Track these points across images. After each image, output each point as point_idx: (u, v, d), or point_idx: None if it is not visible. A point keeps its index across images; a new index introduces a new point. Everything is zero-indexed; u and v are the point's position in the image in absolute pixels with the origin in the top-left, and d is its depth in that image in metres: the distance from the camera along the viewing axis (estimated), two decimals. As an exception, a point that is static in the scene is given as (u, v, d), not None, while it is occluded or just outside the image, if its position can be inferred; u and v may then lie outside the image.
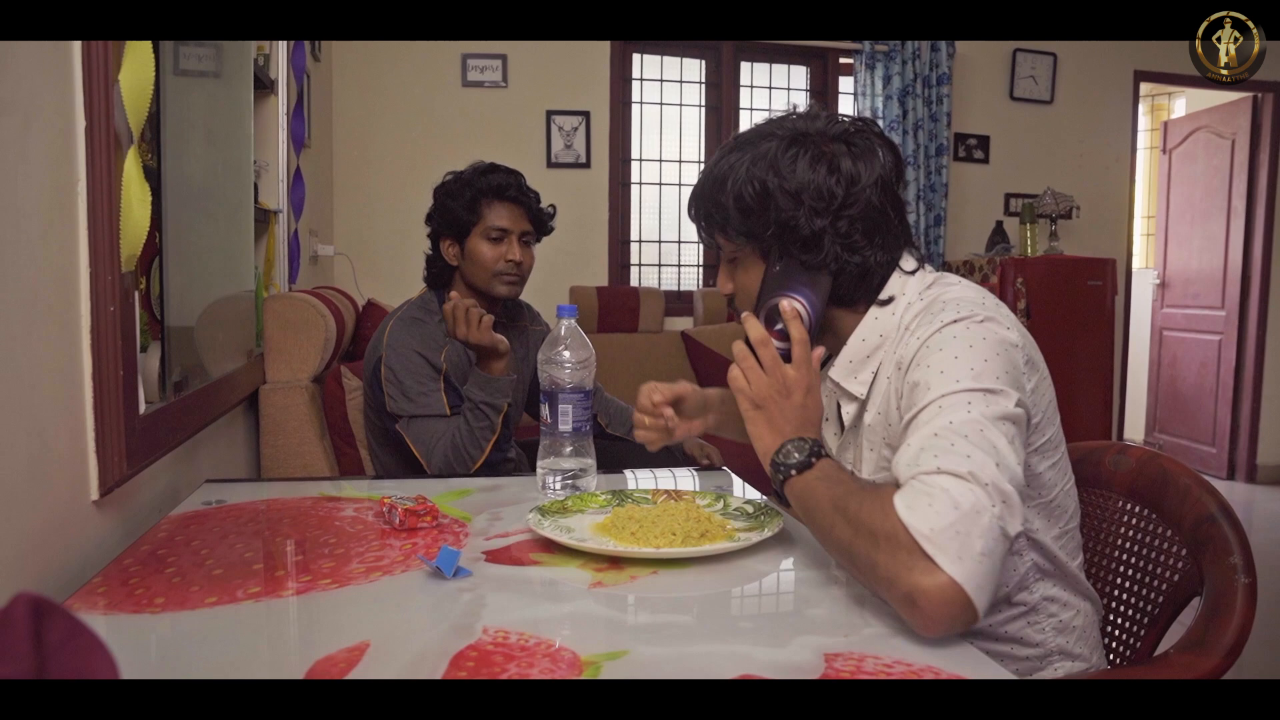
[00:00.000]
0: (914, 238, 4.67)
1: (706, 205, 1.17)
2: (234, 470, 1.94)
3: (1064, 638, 1.17)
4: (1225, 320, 5.26)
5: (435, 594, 0.97)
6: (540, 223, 1.97)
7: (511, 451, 2.08)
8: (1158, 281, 5.73)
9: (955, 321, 1.03)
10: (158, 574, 1.01)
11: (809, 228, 1.09)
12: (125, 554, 1.08)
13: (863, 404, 1.15)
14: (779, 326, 1.10)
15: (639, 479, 1.56)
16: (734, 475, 1.62)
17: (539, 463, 1.41)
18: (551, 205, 2.02)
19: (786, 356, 1.09)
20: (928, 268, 1.18)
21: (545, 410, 1.39)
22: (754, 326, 1.10)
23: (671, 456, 2.04)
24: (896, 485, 0.92)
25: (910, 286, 1.14)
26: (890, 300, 1.14)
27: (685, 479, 1.60)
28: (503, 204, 1.90)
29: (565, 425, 1.38)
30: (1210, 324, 5.37)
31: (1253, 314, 5.16)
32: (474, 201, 1.88)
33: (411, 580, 1.01)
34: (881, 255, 1.13)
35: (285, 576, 1.03)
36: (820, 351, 1.11)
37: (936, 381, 0.98)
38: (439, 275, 1.96)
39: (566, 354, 1.38)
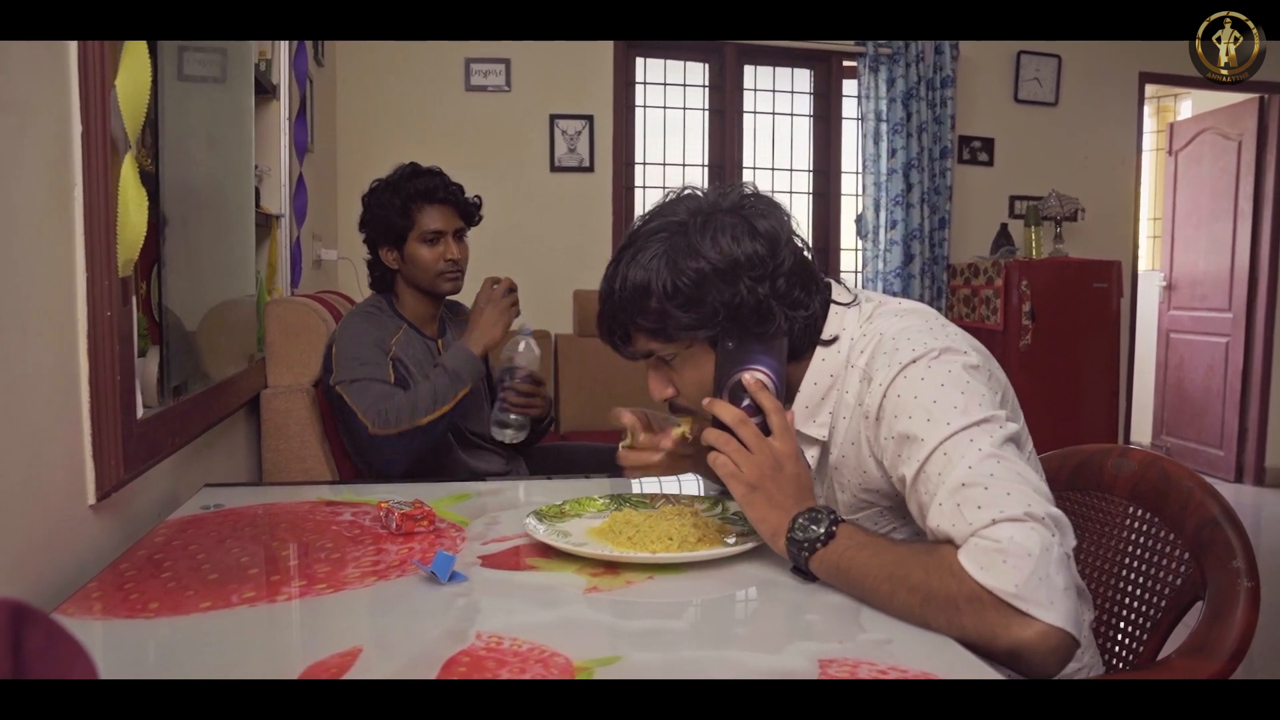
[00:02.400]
0: (915, 241, 4.62)
1: (632, 317, 1.10)
2: (236, 475, 1.94)
3: None
4: (1232, 322, 5.24)
5: (430, 599, 0.96)
6: (469, 216, 2.03)
7: (507, 459, 2.08)
8: (1164, 284, 5.70)
9: (914, 362, 1.01)
10: (153, 579, 1.01)
11: (754, 298, 1.06)
12: (122, 559, 1.08)
13: (824, 445, 1.15)
14: (746, 403, 1.07)
15: (643, 483, 1.55)
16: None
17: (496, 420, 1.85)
18: (476, 196, 2.06)
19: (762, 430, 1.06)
20: (856, 294, 1.16)
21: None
22: (725, 408, 1.06)
23: None
24: (950, 543, 0.92)
25: (849, 320, 1.13)
26: (835, 339, 1.12)
27: (689, 484, 1.59)
28: (433, 206, 1.96)
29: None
30: (1217, 326, 5.34)
31: (1260, 316, 5.13)
32: (405, 208, 1.94)
33: (406, 585, 1.00)
34: (818, 300, 1.12)
35: (280, 581, 1.03)
36: (793, 415, 1.10)
37: (927, 430, 0.97)
38: (381, 279, 2.03)
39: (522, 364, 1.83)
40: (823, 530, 0.99)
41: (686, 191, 1.13)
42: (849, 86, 4.54)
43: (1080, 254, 4.56)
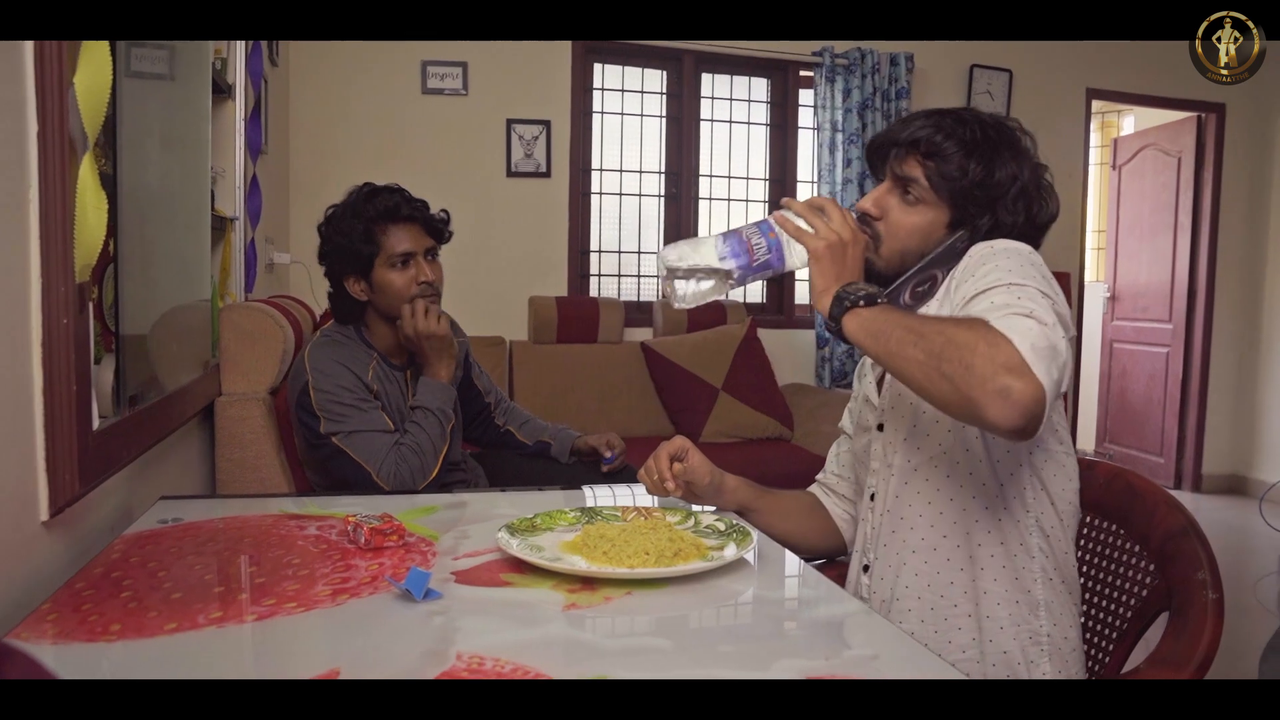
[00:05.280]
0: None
1: (933, 152, 1.22)
2: (188, 486, 1.88)
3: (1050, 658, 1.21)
4: (1172, 333, 5.38)
5: (405, 617, 0.94)
6: (439, 233, 1.87)
7: (463, 466, 2.04)
8: (1108, 295, 5.84)
9: (1005, 241, 1.16)
10: (112, 598, 0.96)
11: (1010, 219, 1.22)
12: (77, 577, 1.03)
13: None
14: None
15: (598, 496, 1.53)
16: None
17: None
18: (443, 210, 1.90)
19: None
20: None
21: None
22: (823, 199, 1.21)
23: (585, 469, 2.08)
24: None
25: None
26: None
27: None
28: (398, 226, 1.80)
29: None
30: (1158, 337, 5.49)
31: (1198, 327, 5.28)
32: (368, 231, 1.78)
33: (380, 603, 0.97)
34: None
35: (248, 600, 0.99)
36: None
37: (1006, 274, 1.07)
38: (349, 312, 1.87)
39: None
40: (864, 295, 1.10)
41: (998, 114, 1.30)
42: (805, 96, 4.57)
43: (1029, 265, 4.64)
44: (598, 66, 4.36)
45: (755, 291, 4.59)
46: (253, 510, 1.36)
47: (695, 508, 1.36)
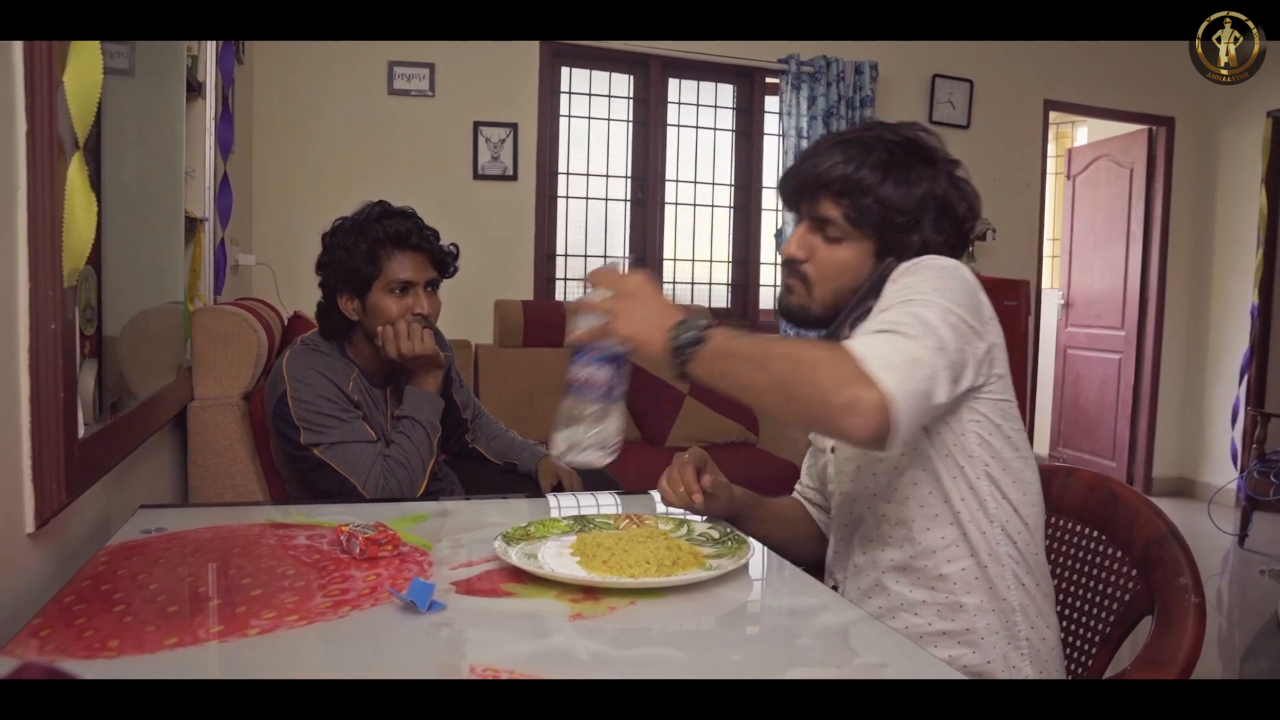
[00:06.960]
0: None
1: (835, 191, 1.19)
2: (161, 494, 1.84)
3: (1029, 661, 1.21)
4: (1124, 340, 5.51)
5: (411, 629, 0.92)
6: (444, 266, 1.84)
7: (439, 474, 2.02)
8: (1062, 302, 5.97)
9: (924, 258, 1.16)
10: (106, 612, 0.94)
11: (939, 236, 1.20)
12: (65, 590, 1.00)
13: None
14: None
15: (561, 505, 1.51)
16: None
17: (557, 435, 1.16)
18: (453, 244, 1.86)
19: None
20: None
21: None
22: (603, 277, 1.09)
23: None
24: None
25: None
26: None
27: (643, 504, 1.58)
28: (404, 253, 1.75)
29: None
30: (1111, 343, 5.61)
31: (1149, 334, 5.42)
32: (372, 253, 1.73)
33: (384, 615, 0.96)
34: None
35: (248, 613, 0.96)
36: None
37: (906, 290, 1.08)
38: (336, 328, 1.81)
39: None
40: (698, 331, 1.02)
41: (899, 123, 1.27)
42: (771, 103, 4.60)
43: (991, 273, 4.72)
44: (565, 70, 4.35)
45: (720, 296, 4.62)
46: (236, 519, 1.33)
47: (687, 515, 1.36)
